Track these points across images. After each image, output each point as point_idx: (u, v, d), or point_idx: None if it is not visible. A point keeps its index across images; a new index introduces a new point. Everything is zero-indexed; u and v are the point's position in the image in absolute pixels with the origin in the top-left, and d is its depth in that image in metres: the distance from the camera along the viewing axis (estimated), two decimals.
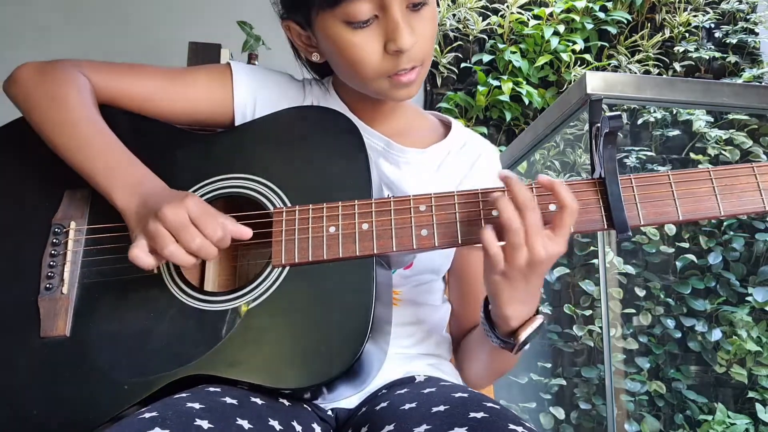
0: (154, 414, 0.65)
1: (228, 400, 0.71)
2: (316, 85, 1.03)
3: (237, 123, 0.96)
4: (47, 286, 0.84)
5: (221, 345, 0.77)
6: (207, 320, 0.79)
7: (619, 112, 0.73)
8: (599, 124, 0.75)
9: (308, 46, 0.95)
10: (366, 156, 0.84)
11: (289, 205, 0.83)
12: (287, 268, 0.80)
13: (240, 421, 0.68)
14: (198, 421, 0.65)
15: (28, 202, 0.90)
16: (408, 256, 0.91)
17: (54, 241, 0.86)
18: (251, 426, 0.68)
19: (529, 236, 0.74)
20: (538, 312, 0.83)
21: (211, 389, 0.74)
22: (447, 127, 1.04)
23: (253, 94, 0.97)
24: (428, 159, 0.99)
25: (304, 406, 0.82)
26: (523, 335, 0.82)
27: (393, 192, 0.96)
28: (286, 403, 0.78)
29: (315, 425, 0.81)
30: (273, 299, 0.79)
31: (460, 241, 0.79)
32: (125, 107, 0.94)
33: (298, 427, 0.76)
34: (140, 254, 0.76)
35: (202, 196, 0.85)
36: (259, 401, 0.74)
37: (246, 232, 0.80)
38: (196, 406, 0.68)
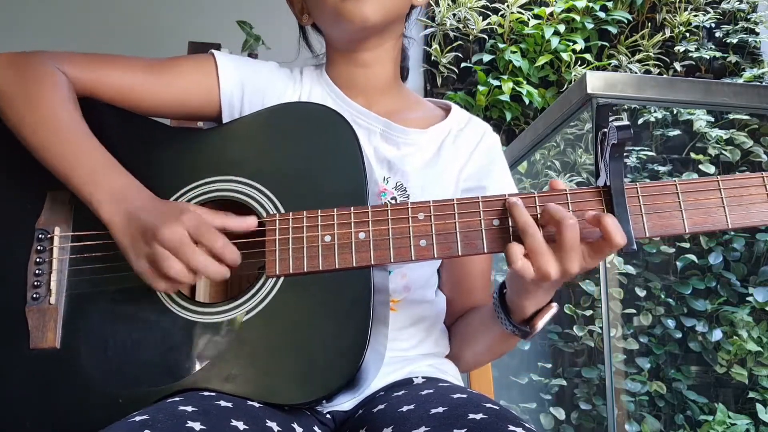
0: (144, 417, 0.64)
1: (223, 403, 0.71)
2: (308, 71, 1.02)
3: (224, 112, 0.93)
4: (34, 295, 0.81)
5: (216, 359, 0.76)
6: (200, 332, 0.77)
7: (628, 122, 0.70)
8: (606, 131, 0.72)
9: (301, 11, 0.99)
10: (361, 156, 0.81)
11: (281, 210, 0.79)
12: (282, 278, 0.77)
13: (235, 423, 0.67)
14: (190, 423, 0.64)
15: (9, 204, 0.85)
16: None
17: (38, 248, 0.82)
18: (246, 427, 0.67)
19: (565, 255, 0.72)
20: (552, 299, 0.82)
21: (206, 394, 0.73)
22: (445, 111, 1.03)
23: (241, 81, 0.94)
24: (430, 139, 0.98)
25: (303, 409, 0.81)
26: (540, 324, 0.80)
27: (393, 174, 0.95)
28: (285, 407, 0.77)
29: (316, 428, 0.81)
30: (268, 311, 0.77)
31: (459, 253, 0.76)
32: (105, 100, 0.89)
33: (299, 429, 0.76)
34: (155, 280, 0.74)
35: (189, 200, 0.82)
36: (256, 405, 0.74)
37: (251, 223, 0.78)
38: (189, 408, 0.67)
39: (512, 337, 0.85)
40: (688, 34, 3.18)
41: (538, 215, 0.75)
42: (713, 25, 3.24)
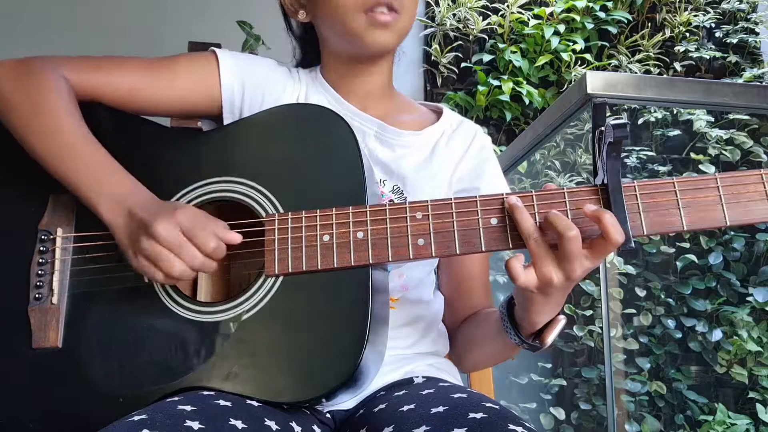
0: (143, 416, 0.65)
1: (222, 402, 0.71)
2: (304, 71, 1.02)
3: (225, 110, 0.94)
4: (36, 295, 0.82)
5: (216, 358, 0.76)
6: (201, 332, 0.78)
7: (624, 120, 0.70)
8: (603, 128, 0.72)
9: (296, 7, 0.98)
10: (360, 157, 0.81)
11: (281, 210, 0.80)
12: (281, 277, 0.78)
13: (233, 422, 0.67)
14: (188, 422, 0.64)
15: (12, 206, 0.87)
16: None
17: (41, 248, 0.83)
18: (245, 426, 0.68)
19: (567, 264, 0.72)
20: (560, 312, 0.81)
21: (205, 393, 0.74)
22: (437, 114, 1.05)
23: (241, 78, 0.94)
24: (424, 141, 0.99)
25: (302, 408, 0.82)
26: (550, 339, 0.80)
27: (388, 176, 0.95)
28: (284, 406, 0.77)
29: (315, 427, 0.81)
30: (267, 310, 0.77)
31: (458, 251, 0.76)
32: (108, 102, 0.90)
33: (297, 428, 0.76)
34: (154, 274, 0.75)
35: (190, 201, 0.83)
36: (255, 404, 0.74)
37: (235, 238, 0.78)
38: (188, 408, 0.67)
39: (516, 347, 0.86)
40: (688, 34, 3.18)
41: (536, 215, 0.75)
42: (713, 25, 3.24)
